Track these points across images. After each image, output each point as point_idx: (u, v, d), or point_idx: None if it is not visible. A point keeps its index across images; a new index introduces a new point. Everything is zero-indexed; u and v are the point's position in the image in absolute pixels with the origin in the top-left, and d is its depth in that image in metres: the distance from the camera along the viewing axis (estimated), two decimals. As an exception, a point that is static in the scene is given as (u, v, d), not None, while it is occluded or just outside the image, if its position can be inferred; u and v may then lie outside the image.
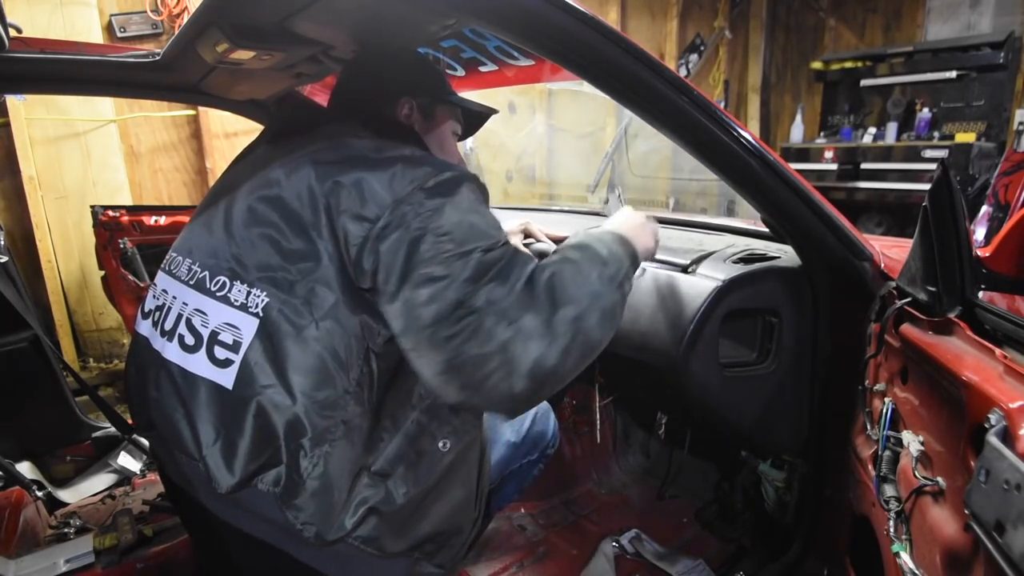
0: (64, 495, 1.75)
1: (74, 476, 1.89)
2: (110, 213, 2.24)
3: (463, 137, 1.20)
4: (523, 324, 0.73)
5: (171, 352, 0.92)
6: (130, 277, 2.24)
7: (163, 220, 2.33)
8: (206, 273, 0.93)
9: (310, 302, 0.83)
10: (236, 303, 0.87)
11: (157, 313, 0.98)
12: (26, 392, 1.86)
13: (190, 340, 0.90)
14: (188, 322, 0.91)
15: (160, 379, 0.92)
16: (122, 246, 2.24)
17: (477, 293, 0.74)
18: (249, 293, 0.86)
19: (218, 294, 0.89)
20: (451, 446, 0.90)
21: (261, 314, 0.84)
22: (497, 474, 1.24)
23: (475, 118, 1.20)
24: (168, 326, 0.94)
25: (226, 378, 0.84)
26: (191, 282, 0.94)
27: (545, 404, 1.35)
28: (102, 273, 2.34)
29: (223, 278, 0.90)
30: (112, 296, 2.35)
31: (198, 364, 0.88)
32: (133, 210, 2.31)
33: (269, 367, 0.82)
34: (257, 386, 0.82)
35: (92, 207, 2.26)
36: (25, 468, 1.75)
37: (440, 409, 0.88)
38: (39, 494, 1.64)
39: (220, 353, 0.86)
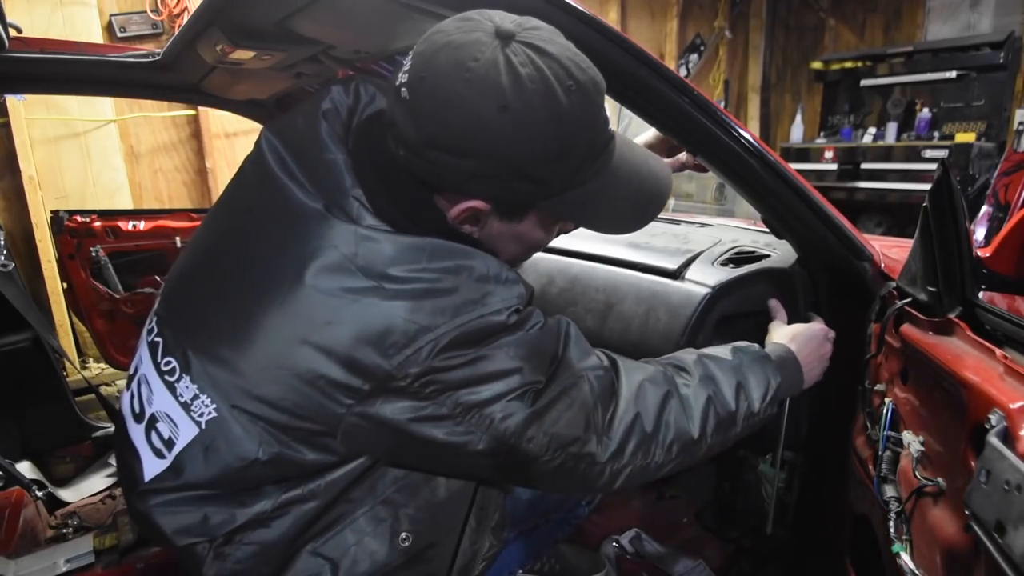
0: (64, 495, 1.74)
1: (74, 476, 1.89)
2: (79, 219, 2.04)
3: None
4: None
5: (124, 404, 0.81)
6: (102, 288, 2.07)
7: (143, 225, 2.13)
8: (161, 340, 0.77)
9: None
10: (181, 399, 0.72)
11: (146, 341, 0.82)
12: (26, 392, 1.86)
13: (136, 406, 0.79)
14: (140, 383, 0.79)
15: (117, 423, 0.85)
16: (94, 254, 2.05)
17: None
18: (196, 397, 0.71)
19: (166, 377, 0.75)
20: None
21: (204, 426, 0.70)
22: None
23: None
24: (132, 369, 0.83)
25: (156, 468, 0.74)
26: (148, 338, 0.79)
27: None
28: (64, 286, 2.13)
29: (174, 361, 0.74)
30: (80, 311, 2.13)
31: (138, 436, 0.77)
32: (106, 215, 2.11)
33: (199, 479, 0.71)
34: (163, 498, 0.73)
35: (55, 212, 2.05)
36: (25, 468, 1.75)
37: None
38: (39, 494, 1.64)
39: (156, 441, 0.74)
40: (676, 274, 1.24)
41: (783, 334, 0.99)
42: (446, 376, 0.65)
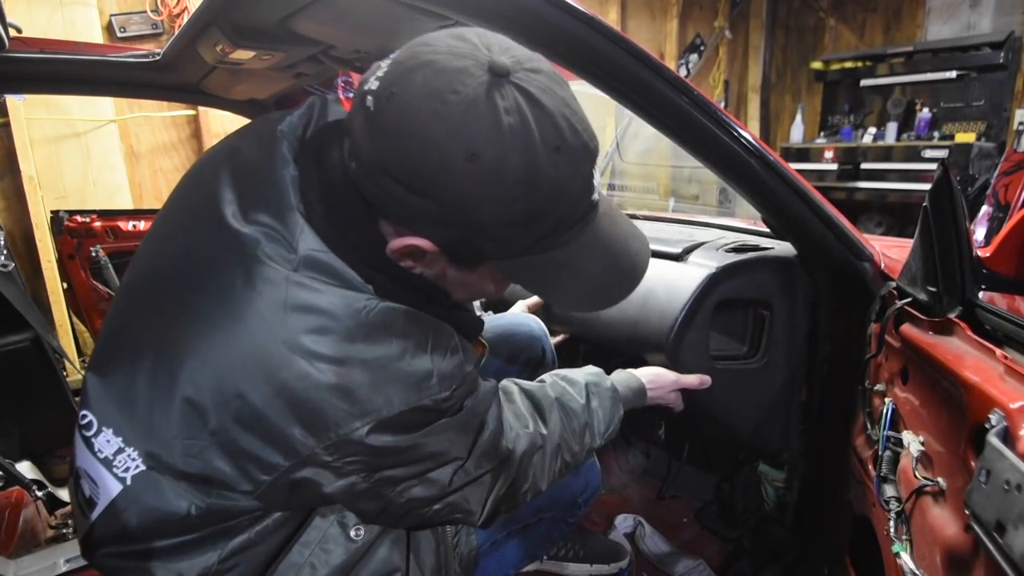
0: (64, 495, 1.74)
1: (74, 476, 1.89)
2: (79, 219, 2.07)
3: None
4: None
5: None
6: (102, 288, 2.10)
7: (143, 225, 2.15)
8: (84, 389, 0.70)
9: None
10: (100, 455, 0.65)
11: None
12: (26, 392, 1.86)
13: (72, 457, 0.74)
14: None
15: None
16: (94, 254, 2.07)
17: None
18: (121, 451, 0.64)
19: (83, 431, 0.68)
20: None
21: (130, 482, 0.63)
22: (485, 539, 0.96)
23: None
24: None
25: (84, 525, 0.69)
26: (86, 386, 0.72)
27: None
28: (64, 286, 2.16)
29: (90, 415, 0.67)
30: (81, 310, 2.17)
31: (72, 488, 0.73)
32: (106, 215, 2.14)
33: (128, 535, 0.65)
34: (103, 551, 0.67)
35: (55, 212, 2.07)
36: (25, 468, 1.75)
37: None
38: (39, 494, 1.64)
39: (80, 497, 0.69)
40: (679, 257, 1.24)
41: (644, 371, 1.08)
42: (374, 460, 0.63)
